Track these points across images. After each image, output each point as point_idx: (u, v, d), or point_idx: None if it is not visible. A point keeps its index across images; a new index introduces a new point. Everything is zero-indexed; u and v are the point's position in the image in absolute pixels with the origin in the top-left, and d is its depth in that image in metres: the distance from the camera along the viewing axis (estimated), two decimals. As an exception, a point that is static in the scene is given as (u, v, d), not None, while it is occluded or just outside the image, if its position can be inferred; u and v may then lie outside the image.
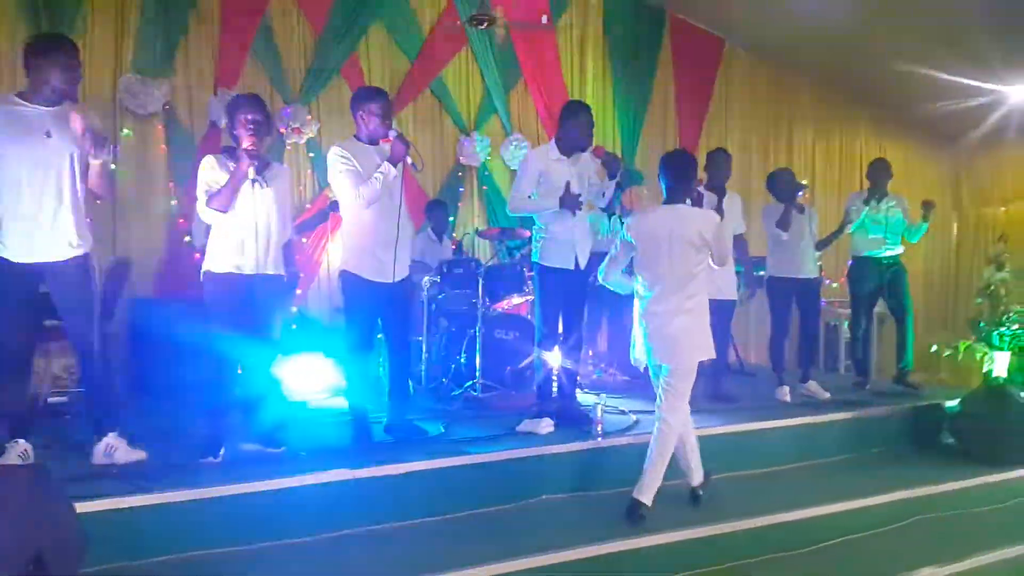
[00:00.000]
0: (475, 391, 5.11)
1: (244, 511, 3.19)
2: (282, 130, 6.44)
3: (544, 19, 7.31)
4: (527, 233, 5.87)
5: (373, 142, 3.96)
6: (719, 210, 4.74)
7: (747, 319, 7.66)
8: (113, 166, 3.48)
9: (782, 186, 5.40)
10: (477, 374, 5.12)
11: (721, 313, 4.80)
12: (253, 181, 3.59)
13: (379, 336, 4.46)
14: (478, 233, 6.32)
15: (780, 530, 3.76)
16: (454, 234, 6.87)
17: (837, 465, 4.72)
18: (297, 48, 6.62)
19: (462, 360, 5.35)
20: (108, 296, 4.00)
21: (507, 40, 7.47)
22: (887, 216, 5.60)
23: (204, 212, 3.58)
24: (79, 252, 3.33)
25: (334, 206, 6.10)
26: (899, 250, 5.68)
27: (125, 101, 5.90)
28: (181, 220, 6.03)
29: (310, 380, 5.47)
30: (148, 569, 2.94)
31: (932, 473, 4.54)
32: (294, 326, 5.81)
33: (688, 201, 3.80)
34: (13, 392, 3.33)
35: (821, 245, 5.57)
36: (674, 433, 3.65)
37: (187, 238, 5.78)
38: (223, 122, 6.12)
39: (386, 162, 3.84)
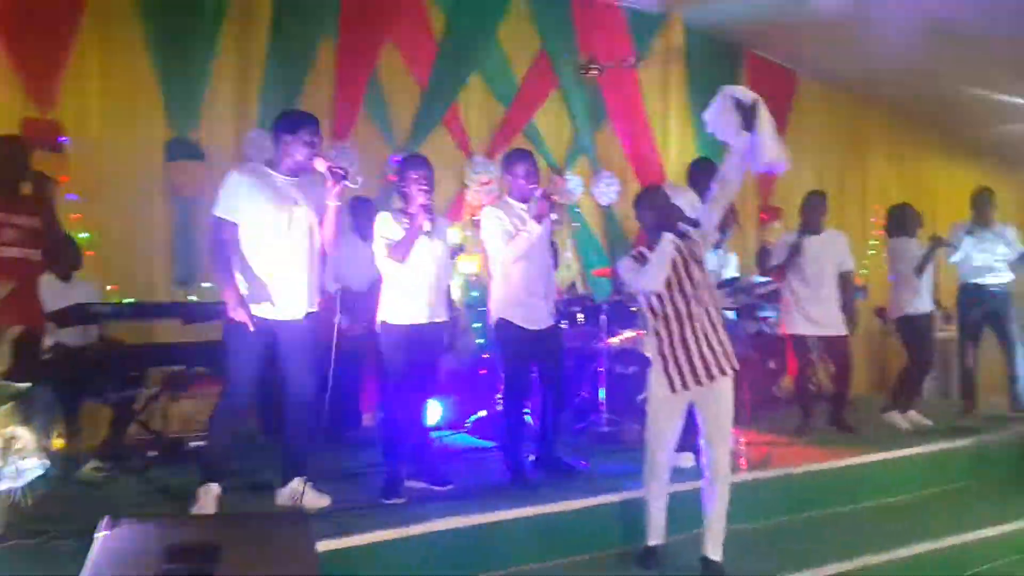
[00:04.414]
0: (598, 425, 5.31)
1: (439, 548, 3.42)
2: (392, 178, 6.75)
3: (632, 61, 7.55)
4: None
5: (523, 200, 4.22)
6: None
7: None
8: (358, 182, 3.66)
9: (905, 222, 5.56)
10: (602, 409, 5.32)
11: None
12: (428, 234, 3.87)
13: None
14: (592, 273, 6.54)
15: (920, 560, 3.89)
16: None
17: (961, 492, 4.81)
18: (404, 101, 6.94)
19: (583, 395, 5.56)
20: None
21: (594, 81, 7.74)
22: (992, 245, 5.72)
23: (383, 263, 3.86)
24: (312, 310, 3.61)
25: (453, 252, 6.41)
26: (1007, 278, 5.78)
27: (250, 154, 6.25)
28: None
29: (434, 416, 5.76)
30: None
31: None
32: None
33: None
34: (232, 441, 3.62)
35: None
36: None
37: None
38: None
39: (531, 221, 4.09)
